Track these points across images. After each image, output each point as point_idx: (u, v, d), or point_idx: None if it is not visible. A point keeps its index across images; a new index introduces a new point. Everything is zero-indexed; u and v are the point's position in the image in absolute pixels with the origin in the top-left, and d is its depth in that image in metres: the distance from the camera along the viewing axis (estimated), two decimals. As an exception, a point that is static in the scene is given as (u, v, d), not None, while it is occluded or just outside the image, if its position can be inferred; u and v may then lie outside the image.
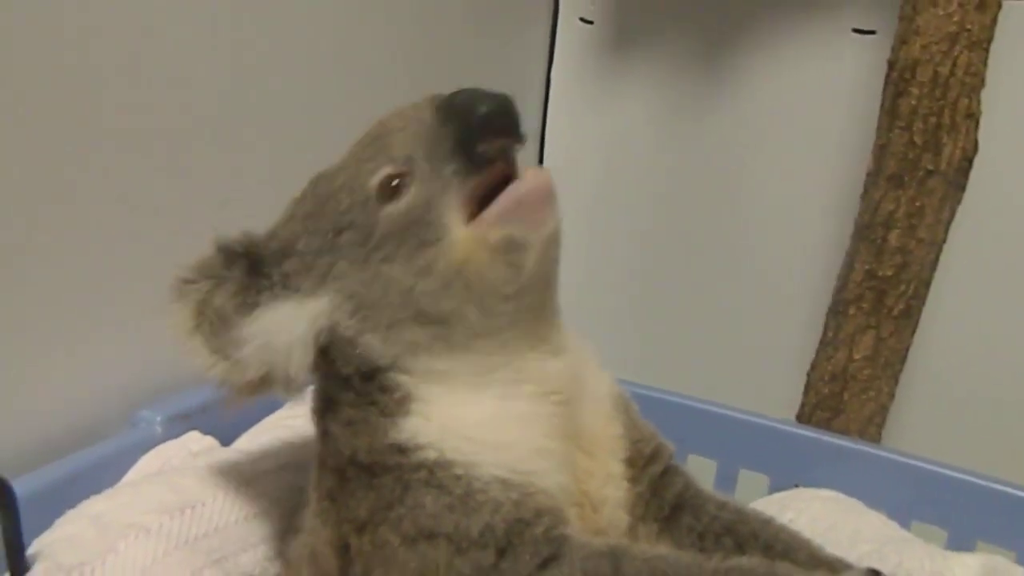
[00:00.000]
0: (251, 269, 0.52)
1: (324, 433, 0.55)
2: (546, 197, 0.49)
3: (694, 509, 0.57)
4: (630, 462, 0.56)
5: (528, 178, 0.48)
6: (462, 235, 0.48)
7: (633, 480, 0.56)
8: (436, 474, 0.48)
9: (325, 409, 0.55)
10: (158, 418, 0.71)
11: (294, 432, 0.73)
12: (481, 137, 0.47)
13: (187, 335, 0.50)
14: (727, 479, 0.88)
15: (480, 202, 0.49)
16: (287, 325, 0.50)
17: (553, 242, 0.51)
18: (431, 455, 0.49)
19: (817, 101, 1.16)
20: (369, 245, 0.49)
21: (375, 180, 0.49)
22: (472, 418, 0.50)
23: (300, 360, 0.51)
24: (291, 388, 0.52)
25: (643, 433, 0.58)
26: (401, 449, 0.49)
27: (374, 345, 0.51)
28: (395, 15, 1.02)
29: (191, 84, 0.77)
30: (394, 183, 0.49)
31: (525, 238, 0.48)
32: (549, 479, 0.50)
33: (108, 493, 0.61)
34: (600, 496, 0.55)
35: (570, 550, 0.47)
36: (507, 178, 0.49)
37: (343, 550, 0.51)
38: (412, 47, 1.06)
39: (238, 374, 0.50)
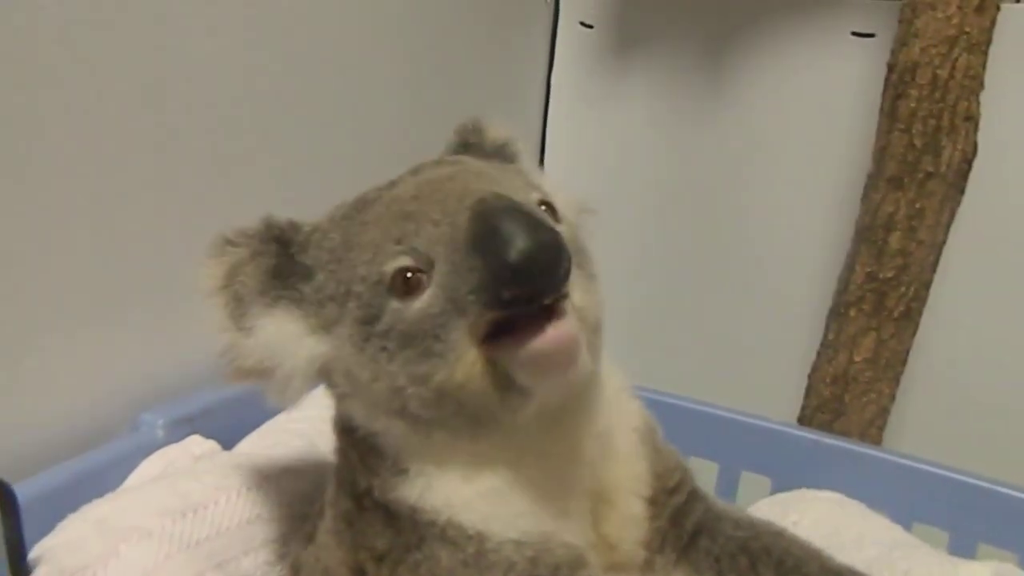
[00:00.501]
0: (283, 261, 0.50)
1: (343, 451, 0.53)
2: (568, 356, 0.43)
3: (711, 532, 0.57)
4: (652, 500, 0.55)
5: (551, 335, 0.41)
6: (468, 358, 0.43)
7: (653, 517, 0.55)
8: (448, 532, 0.47)
9: (344, 428, 0.53)
10: (160, 421, 0.70)
11: (297, 436, 0.73)
12: (506, 286, 0.40)
13: (212, 292, 0.49)
14: (729, 481, 0.88)
15: (495, 325, 0.43)
16: (290, 348, 0.48)
17: (568, 390, 0.46)
18: (441, 517, 0.48)
19: (817, 104, 1.16)
20: (371, 329, 0.45)
21: (390, 267, 0.45)
22: (477, 491, 0.48)
23: (296, 386, 0.49)
24: (284, 399, 0.50)
25: (667, 464, 0.57)
26: (412, 506, 0.48)
27: (358, 414, 0.50)
28: (395, 18, 1.02)
29: (198, 90, 0.77)
30: (408, 276, 0.44)
31: (530, 387, 0.44)
32: (567, 535, 0.50)
33: (110, 497, 0.60)
34: (618, 537, 0.54)
35: None
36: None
37: (360, 573, 0.50)
38: (413, 52, 1.06)
39: (240, 354, 0.49)
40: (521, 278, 0.40)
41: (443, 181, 0.47)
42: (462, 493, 0.48)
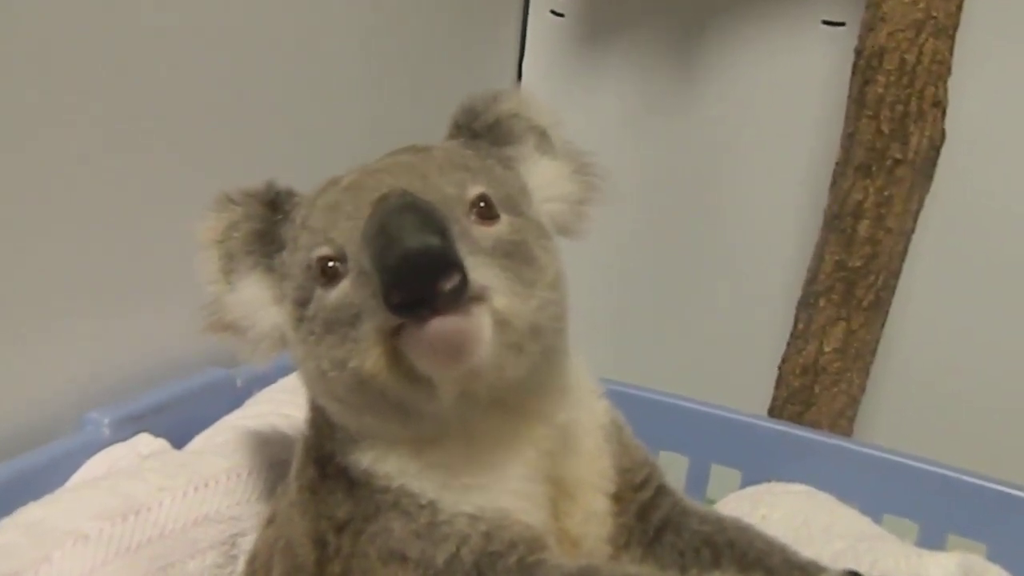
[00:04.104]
0: (269, 227, 0.52)
1: (312, 421, 0.54)
2: (454, 349, 0.41)
3: (676, 527, 0.56)
4: (617, 496, 0.55)
5: (434, 327, 0.40)
6: (376, 350, 0.43)
7: (619, 513, 0.55)
8: (401, 501, 0.48)
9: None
10: (106, 420, 0.68)
11: (249, 434, 0.71)
12: (389, 289, 0.39)
13: (207, 245, 0.51)
14: (699, 475, 0.88)
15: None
16: (259, 313, 0.51)
17: (477, 374, 0.44)
18: (394, 483, 0.48)
19: (788, 93, 1.15)
20: (303, 312, 0.47)
21: (315, 255, 0.46)
22: (428, 463, 0.48)
23: (264, 349, 0.52)
24: (254, 359, 0.52)
25: (634, 460, 0.57)
26: (366, 471, 0.49)
27: (305, 387, 0.52)
28: (365, 5, 1.00)
29: (162, 85, 0.75)
30: (329, 265, 0.46)
31: (432, 378, 0.43)
32: (525, 516, 0.49)
33: (47, 499, 0.58)
34: (580, 533, 0.53)
35: (543, 574, 0.46)
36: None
37: (321, 544, 0.50)
38: (383, 40, 1.05)
39: (221, 308, 0.51)
40: (399, 282, 0.39)
41: (374, 173, 0.47)
42: (414, 464, 0.48)
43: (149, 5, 0.73)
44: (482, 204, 0.46)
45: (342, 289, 0.45)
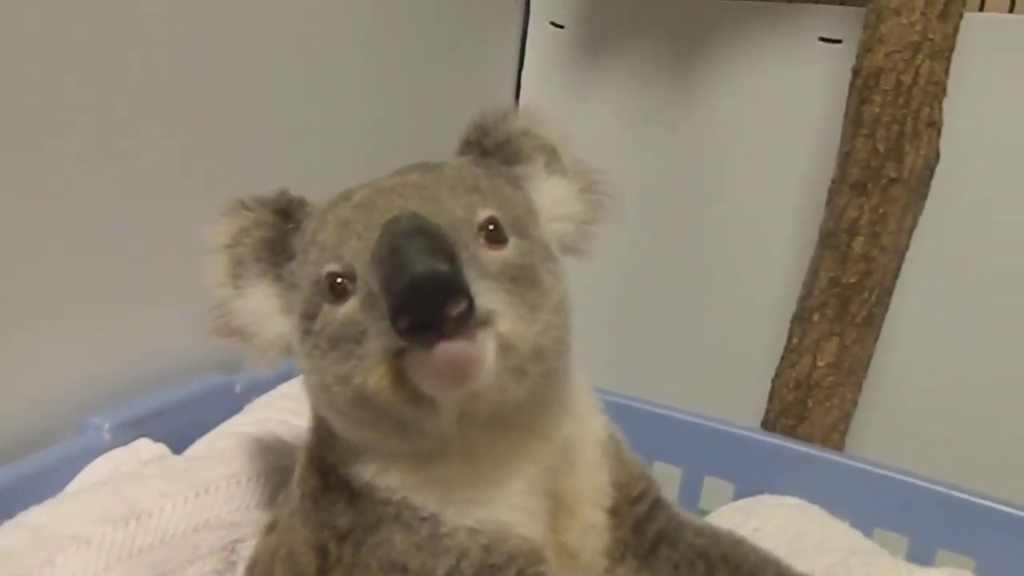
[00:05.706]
0: (279, 236, 0.52)
1: (316, 430, 0.54)
2: (457, 374, 0.41)
3: (672, 540, 0.57)
4: (614, 510, 0.56)
5: (439, 351, 0.40)
6: (380, 370, 0.43)
7: (615, 527, 0.56)
8: (403, 513, 0.48)
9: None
10: (106, 424, 0.68)
11: (248, 440, 0.71)
12: (397, 313, 0.39)
13: (216, 248, 0.51)
14: (692, 487, 0.88)
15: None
16: (266, 321, 0.51)
17: (479, 396, 0.44)
18: (396, 496, 0.49)
19: (785, 109, 1.16)
20: (310, 325, 0.47)
21: (324, 271, 0.46)
22: (429, 477, 0.49)
23: (271, 357, 0.52)
24: (261, 366, 0.52)
25: (631, 474, 0.57)
26: (368, 483, 0.50)
27: (309, 397, 0.52)
28: (365, 17, 1.01)
29: (159, 86, 0.75)
30: (338, 281, 0.45)
31: (435, 398, 0.44)
32: (524, 529, 0.50)
33: (49, 503, 0.58)
34: (578, 546, 0.54)
35: None
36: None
37: (323, 553, 0.50)
38: (383, 51, 1.05)
39: (228, 312, 0.51)
40: (407, 307, 0.39)
41: (385, 192, 0.47)
42: (416, 477, 0.49)
43: (149, 5, 0.73)
44: (491, 227, 0.46)
45: (349, 307, 0.45)
